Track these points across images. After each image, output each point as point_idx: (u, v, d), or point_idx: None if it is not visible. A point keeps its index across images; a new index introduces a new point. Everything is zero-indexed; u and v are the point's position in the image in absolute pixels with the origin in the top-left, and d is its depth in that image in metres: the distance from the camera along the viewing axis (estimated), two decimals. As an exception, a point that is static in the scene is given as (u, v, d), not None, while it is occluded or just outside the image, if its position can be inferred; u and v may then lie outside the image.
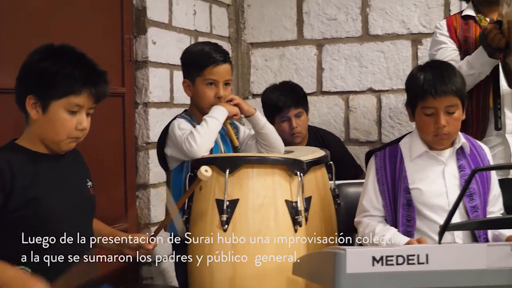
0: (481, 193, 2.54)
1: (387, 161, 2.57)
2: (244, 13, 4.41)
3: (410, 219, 2.50)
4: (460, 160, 2.56)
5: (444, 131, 2.47)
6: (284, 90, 3.62)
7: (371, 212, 2.57)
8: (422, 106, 2.48)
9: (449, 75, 2.48)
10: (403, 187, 2.51)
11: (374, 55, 4.17)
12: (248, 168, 2.34)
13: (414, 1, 4.08)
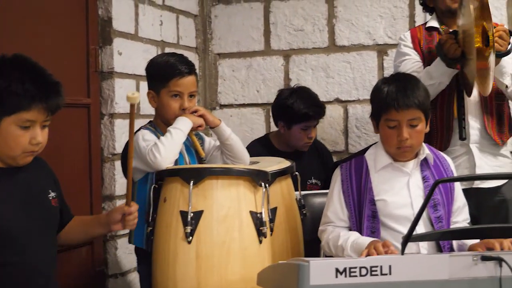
0: (445, 203, 2.56)
1: (353, 173, 2.58)
2: (211, 23, 4.41)
3: (374, 230, 2.50)
4: (424, 171, 2.58)
5: (407, 144, 2.49)
6: (315, 102, 3.64)
7: (336, 223, 2.57)
8: (386, 118, 2.49)
9: (412, 88, 2.49)
10: (369, 199, 2.52)
11: (341, 66, 4.20)
12: (213, 179, 2.34)
13: (380, 13, 4.12)
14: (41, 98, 2.06)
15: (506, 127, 3.17)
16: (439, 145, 3.09)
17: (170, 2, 4.00)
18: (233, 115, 4.40)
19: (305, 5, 4.24)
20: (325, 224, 2.60)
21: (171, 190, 2.34)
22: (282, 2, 4.28)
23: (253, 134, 4.29)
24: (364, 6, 4.14)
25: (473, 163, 3.09)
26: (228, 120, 4.38)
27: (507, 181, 3.11)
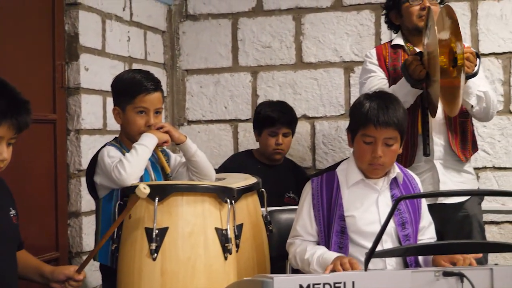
0: (413, 222, 2.58)
1: (324, 187, 2.59)
2: (179, 39, 4.42)
3: (342, 246, 2.51)
4: (394, 189, 2.60)
5: (380, 161, 2.51)
6: (282, 108, 3.79)
7: (304, 237, 2.58)
8: (363, 133, 2.51)
9: (394, 107, 2.51)
10: (338, 214, 2.53)
11: (308, 83, 4.23)
12: (178, 196, 2.34)
13: (346, 30, 4.17)
14: (12, 115, 2.05)
15: (469, 144, 3.21)
16: (404, 161, 3.13)
17: (138, 18, 4.00)
18: (201, 131, 4.40)
19: (272, 22, 4.28)
20: (294, 237, 2.60)
21: (136, 207, 2.33)
22: (250, 19, 4.31)
23: (221, 150, 4.30)
24: (331, 23, 4.19)
25: (437, 179, 3.12)
26: (196, 136, 4.39)
27: (471, 197, 3.16)
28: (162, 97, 2.75)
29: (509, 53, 3.93)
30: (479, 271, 1.99)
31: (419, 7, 3.18)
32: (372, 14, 4.11)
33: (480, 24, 3.96)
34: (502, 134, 3.95)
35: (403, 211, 2.55)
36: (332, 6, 4.19)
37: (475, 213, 3.19)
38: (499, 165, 3.96)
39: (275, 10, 4.27)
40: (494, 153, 3.96)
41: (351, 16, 4.16)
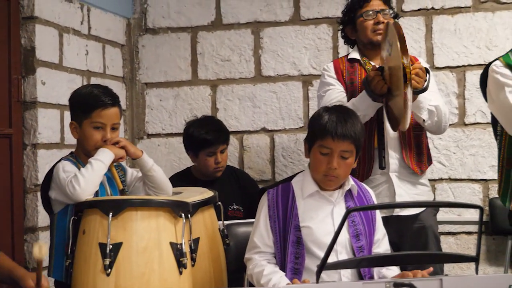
0: (367, 233, 2.61)
1: (279, 199, 2.61)
2: (138, 53, 4.42)
3: (299, 256, 2.53)
4: (348, 201, 2.63)
5: (334, 173, 2.54)
6: (213, 126, 3.72)
7: (262, 249, 2.59)
8: (320, 144, 2.54)
9: (352, 122, 2.55)
10: (294, 225, 2.55)
11: (267, 96, 4.27)
12: (132, 211, 2.33)
13: (304, 44, 4.21)
14: None
15: (424, 157, 3.26)
16: (361, 174, 3.17)
17: (96, 31, 3.99)
18: (161, 145, 4.40)
19: (231, 36, 4.31)
20: (252, 249, 2.61)
21: (90, 222, 2.32)
22: (209, 32, 4.33)
23: (180, 163, 4.30)
24: (289, 37, 4.23)
25: (393, 192, 3.16)
26: (156, 149, 4.39)
27: (426, 209, 3.21)
28: (120, 112, 2.74)
29: (463, 67, 4.01)
30: (429, 282, 2.02)
31: (373, 21, 3.23)
32: (329, 28, 4.16)
33: (435, 38, 4.04)
34: (457, 146, 4.02)
35: (358, 223, 2.58)
36: (290, 20, 4.24)
37: (431, 224, 3.23)
38: (454, 177, 4.03)
39: (234, 24, 4.31)
40: (449, 164, 4.03)
41: (309, 30, 4.21)
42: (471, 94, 3.99)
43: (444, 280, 2.02)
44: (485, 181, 3.98)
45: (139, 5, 4.41)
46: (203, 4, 4.34)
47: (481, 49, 3.98)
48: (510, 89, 2.83)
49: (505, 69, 2.86)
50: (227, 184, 3.77)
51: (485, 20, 3.98)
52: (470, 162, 4.00)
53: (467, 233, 4.01)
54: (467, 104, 4.00)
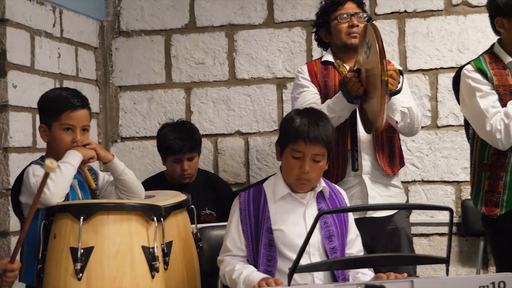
0: (340, 235, 2.62)
1: (251, 202, 2.61)
2: (112, 56, 4.39)
3: (271, 259, 2.54)
4: (320, 203, 2.64)
5: (307, 177, 2.55)
6: (183, 133, 3.69)
7: (234, 252, 2.59)
8: (292, 148, 2.54)
9: (324, 125, 2.56)
10: (266, 228, 2.55)
11: (241, 99, 4.26)
12: (104, 214, 2.32)
13: (278, 47, 4.22)
14: None
15: (397, 159, 3.29)
16: (335, 176, 3.18)
17: (69, 34, 3.97)
18: (135, 148, 4.38)
19: (205, 38, 4.30)
20: (224, 253, 2.61)
21: (61, 226, 2.31)
22: (183, 35, 4.32)
23: (154, 167, 4.28)
24: (263, 40, 4.24)
25: (366, 193, 3.18)
26: (130, 153, 4.37)
27: (399, 211, 3.23)
28: (90, 114, 2.73)
29: (436, 70, 4.04)
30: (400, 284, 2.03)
31: (347, 24, 3.24)
32: (303, 31, 4.17)
33: (408, 41, 4.07)
34: (430, 148, 4.05)
35: (330, 224, 2.59)
36: (264, 23, 4.24)
37: (403, 226, 3.25)
38: (427, 179, 4.06)
39: (208, 26, 4.30)
40: (422, 166, 4.06)
41: (283, 33, 4.22)
42: (444, 96, 4.02)
43: (415, 281, 2.03)
44: (457, 183, 4.01)
45: (112, 7, 4.38)
46: (177, 7, 4.32)
47: (453, 52, 4.01)
48: (480, 94, 2.87)
49: (476, 74, 2.90)
50: (200, 188, 3.75)
51: (457, 23, 4.01)
52: (443, 164, 4.03)
53: (440, 234, 4.04)
54: (439, 106, 4.04)
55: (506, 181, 2.86)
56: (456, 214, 4.01)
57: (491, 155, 2.90)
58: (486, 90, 2.87)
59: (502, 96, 2.85)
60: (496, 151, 2.87)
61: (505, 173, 2.86)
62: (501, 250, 2.99)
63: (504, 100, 2.84)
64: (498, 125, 2.80)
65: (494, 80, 2.87)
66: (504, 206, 2.87)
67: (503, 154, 2.86)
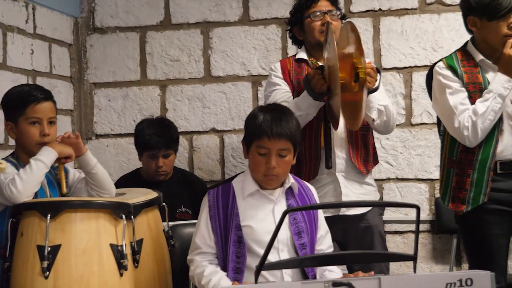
0: (309, 231, 2.63)
1: (220, 199, 2.61)
2: (86, 53, 4.36)
3: (240, 255, 2.54)
4: (289, 199, 2.65)
5: (274, 172, 2.55)
6: (160, 130, 3.69)
7: (203, 249, 2.59)
8: (257, 145, 2.55)
9: (287, 119, 2.57)
10: (235, 224, 2.55)
11: (217, 96, 4.26)
12: (71, 212, 2.31)
13: (254, 44, 4.22)
14: None
15: (371, 157, 3.30)
16: (308, 174, 3.18)
17: (42, 31, 3.93)
18: (110, 145, 4.36)
19: (181, 36, 4.28)
20: (194, 250, 2.60)
21: (28, 224, 2.29)
22: (158, 32, 4.31)
23: (129, 164, 4.26)
24: (239, 37, 4.23)
25: (339, 191, 3.18)
26: (105, 150, 4.35)
27: (372, 208, 3.24)
28: (55, 107, 2.72)
29: (410, 68, 4.06)
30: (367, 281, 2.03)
31: (320, 22, 3.24)
32: (278, 28, 4.17)
33: (382, 39, 4.08)
34: (404, 146, 4.07)
35: (299, 221, 2.60)
36: (239, 20, 4.24)
37: (376, 224, 3.26)
38: (401, 176, 4.07)
39: (183, 23, 4.28)
40: (397, 164, 4.08)
41: (258, 30, 4.21)
42: (418, 95, 4.04)
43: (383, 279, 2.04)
44: (431, 181, 4.03)
45: (87, 4, 4.35)
46: (152, 4, 4.30)
47: (427, 51, 4.03)
48: (450, 91, 2.90)
49: (447, 71, 2.93)
50: (175, 186, 3.75)
51: (431, 21, 4.03)
52: (417, 162, 4.05)
53: (414, 232, 4.05)
54: (413, 104, 4.06)
55: (473, 179, 2.88)
56: (430, 211, 4.04)
57: (459, 152, 2.93)
58: (456, 87, 2.89)
59: (472, 94, 2.88)
60: (464, 148, 2.90)
61: (472, 170, 2.88)
62: (470, 247, 3.02)
63: (474, 97, 2.87)
64: (465, 122, 2.82)
65: (464, 77, 2.89)
66: (470, 203, 2.89)
67: (471, 151, 2.88)
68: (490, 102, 2.80)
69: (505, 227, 2.92)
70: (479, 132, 2.82)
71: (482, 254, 2.92)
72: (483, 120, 2.80)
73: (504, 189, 2.87)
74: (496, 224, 2.90)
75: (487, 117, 2.80)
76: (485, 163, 2.86)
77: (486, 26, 2.85)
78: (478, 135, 2.82)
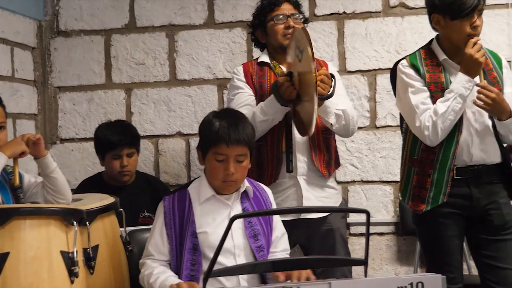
0: (266, 233, 2.63)
1: (176, 206, 2.60)
2: (50, 56, 4.33)
3: (195, 263, 2.52)
4: (244, 203, 2.65)
5: (233, 178, 2.55)
6: (120, 128, 3.69)
7: (156, 257, 2.58)
8: (215, 152, 2.54)
9: (243, 125, 2.58)
10: (190, 231, 2.54)
11: (182, 100, 4.24)
12: (20, 219, 2.27)
13: (219, 48, 4.21)
14: None
15: (333, 160, 3.30)
16: (269, 178, 3.18)
17: (4, 34, 3.89)
18: (75, 150, 4.33)
19: (146, 39, 4.27)
20: (145, 257, 2.59)
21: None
22: (123, 35, 4.28)
23: (94, 169, 4.23)
24: (204, 41, 4.22)
25: (301, 195, 3.19)
26: (69, 154, 4.32)
27: (335, 211, 3.25)
28: (4, 111, 2.71)
29: (374, 71, 4.07)
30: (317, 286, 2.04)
31: (283, 25, 3.24)
32: (243, 31, 4.16)
33: (347, 42, 4.09)
34: (369, 148, 4.08)
35: (255, 224, 2.59)
36: (204, 23, 4.23)
37: (338, 227, 3.27)
38: (366, 179, 4.09)
39: (148, 27, 4.27)
40: (362, 167, 4.09)
41: (224, 33, 4.21)
42: (382, 97, 4.05)
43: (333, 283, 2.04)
44: (396, 183, 4.04)
45: (51, 7, 4.32)
46: (116, 7, 4.28)
47: (391, 53, 4.04)
48: (412, 90, 2.90)
49: (410, 69, 2.93)
50: (139, 190, 3.73)
51: (394, 24, 4.05)
52: (382, 164, 4.07)
53: (379, 234, 4.07)
54: (378, 107, 4.07)
55: (433, 179, 2.89)
56: (395, 213, 4.06)
57: (421, 151, 2.93)
58: (418, 86, 2.90)
59: (434, 93, 2.89)
60: (426, 148, 2.90)
61: (433, 170, 2.89)
62: (426, 246, 3.05)
63: (436, 97, 2.88)
64: (426, 121, 2.83)
65: (427, 76, 2.90)
66: (430, 203, 2.91)
67: (433, 151, 2.89)
68: (451, 102, 2.81)
69: (458, 229, 2.94)
70: (439, 132, 2.82)
71: (438, 254, 2.95)
72: (443, 120, 2.81)
73: (458, 194, 2.89)
74: (451, 225, 2.92)
75: (448, 117, 2.81)
76: (446, 164, 2.87)
77: (449, 25, 2.85)
78: (439, 134, 2.83)
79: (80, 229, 2.45)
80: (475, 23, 2.82)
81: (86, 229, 2.49)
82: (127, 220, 2.96)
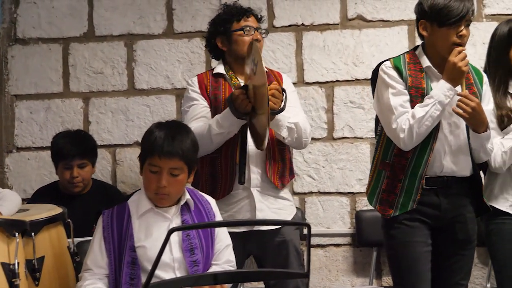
0: (204, 246, 2.61)
1: (115, 220, 2.58)
2: (8, 64, 4.29)
3: (134, 277, 2.51)
4: (184, 215, 2.63)
5: (164, 191, 2.54)
6: (74, 139, 3.67)
7: (94, 271, 2.56)
8: (149, 163, 2.54)
9: (181, 139, 2.56)
10: (129, 245, 2.52)
11: (140, 109, 4.22)
12: (-41, 231, 2.25)
13: (178, 57, 4.20)
14: None
15: (287, 171, 3.30)
16: (223, 190, 3.17)
17: (-42, 41, 3.86)
18: (31, 159, 4.28)
19: (104, 48, 4.24)
20: (84, 271, 2.57)
21: None
22: (81, 44, 4.26)
23: (51, 178, 4.18)
24: (163, 50, 4.21)
25: (254, 206, 3.18)
26: (26, 163, 4.27)
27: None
28: None
29: (332, 82, 4.09)
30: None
31: (251, 38, 3.22)
32: (202, 42, 4.12)
33: (305, 54, 4.11)
34: (326, 160, 4.10)
35: (193, 237, 2.58)
36: (163, 33, 4.22)
37: (292, 239, 3.26)
38: (323, 190, 4.10)
39: (107, 35, 4.25)
40: (319, 178, 4.10)
41: (183, 43, 4.20)
42: (339, 109, 4.07)
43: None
44: (352, 194, 4.07)
45: (8, 14, 4.28)
46: (75, 15, 4.25)
47: (348, 66, 4.07)
48: (393, 91, 2.90)
49: (393, 71, 2.93)
50: (95, 199, 3.71)
51: (352, 37, 4.08)
52: (339, 176, 4.08)
53: (335, 245, 4.09)
54: (335, 119, 4.09)
55: (404, 185, 2.90)
56: (351, 225, 4.07)
57: (394, 155, 2.94)
58: (400, 88, 2.90)
59: (414, 98, 2.89)
60: (399, 152, 2.91)
61: (404, 176, 2.90)
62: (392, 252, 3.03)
63: (415, 102, 2.88)
64: (403, 124, 2.84)
65: (409, 80, 2.90)
66: (398, 208, 2.91)
67: (405, 156, 2.90)
68: (430, 108, 2.81)
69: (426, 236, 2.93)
70: (414, 136, 2.83)
71: (404, 260, 2.94)
72: (419, 125, 2.81)
73: (427, 202, 2.90)
74: (419, 231, 2.92)
75: (424, 122, 2.81)
76: (417, 171, 2.88)
77: (436, 32, 2.86)
78: (413, 138, 2.83)
79: (25, 240, 2.43)
80: (461, 32, 2.83)
81: (32, 240, 2.46)
82: (80, 229, 2.94)
